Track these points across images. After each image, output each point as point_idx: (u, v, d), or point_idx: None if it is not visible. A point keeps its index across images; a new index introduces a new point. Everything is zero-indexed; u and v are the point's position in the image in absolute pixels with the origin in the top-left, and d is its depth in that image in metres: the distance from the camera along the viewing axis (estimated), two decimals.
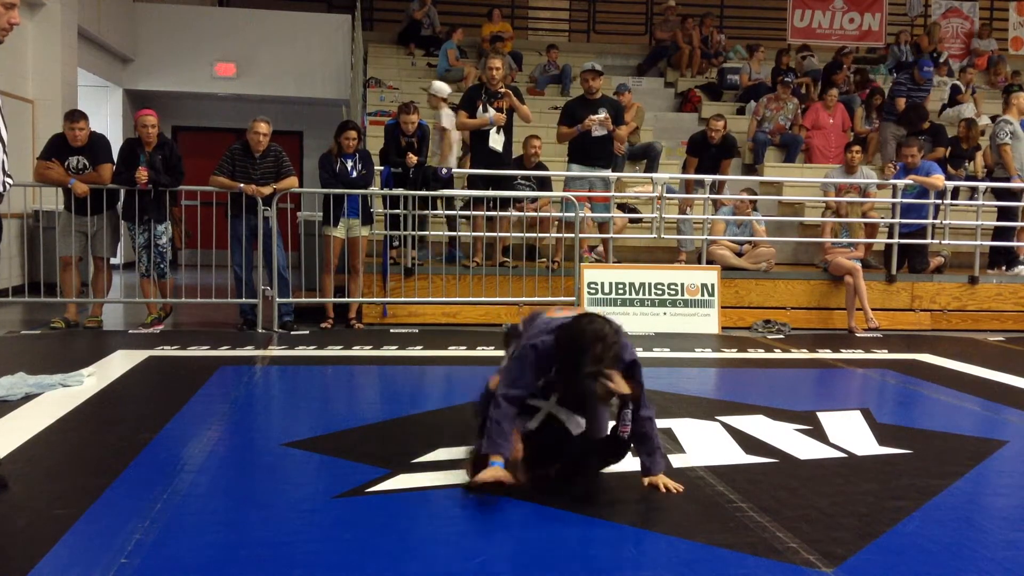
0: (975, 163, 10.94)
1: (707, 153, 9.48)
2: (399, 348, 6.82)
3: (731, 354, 7.15)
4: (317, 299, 8.01)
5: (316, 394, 5.53)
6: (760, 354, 7.09)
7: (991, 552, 2.93)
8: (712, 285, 8.28)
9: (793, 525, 3.09)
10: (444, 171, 8.30)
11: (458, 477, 3.52)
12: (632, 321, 8.10)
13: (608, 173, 8.84)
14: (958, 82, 13.58)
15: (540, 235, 8.80)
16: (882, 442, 4.27)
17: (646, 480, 3.40)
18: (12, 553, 2.73)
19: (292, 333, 7.48)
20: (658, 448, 3.43)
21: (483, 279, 8.19)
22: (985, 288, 9.00)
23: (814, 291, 8.78)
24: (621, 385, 3.11)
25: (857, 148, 9.24)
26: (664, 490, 3.34)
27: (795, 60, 13.93)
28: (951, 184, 9.00)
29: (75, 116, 7.39)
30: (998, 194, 9.54)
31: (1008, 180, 9.38)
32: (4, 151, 3.32)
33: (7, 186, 3.40)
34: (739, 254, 8.97)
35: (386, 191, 8.11)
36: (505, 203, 8.32)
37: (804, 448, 4.14)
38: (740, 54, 14.40)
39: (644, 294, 8.19)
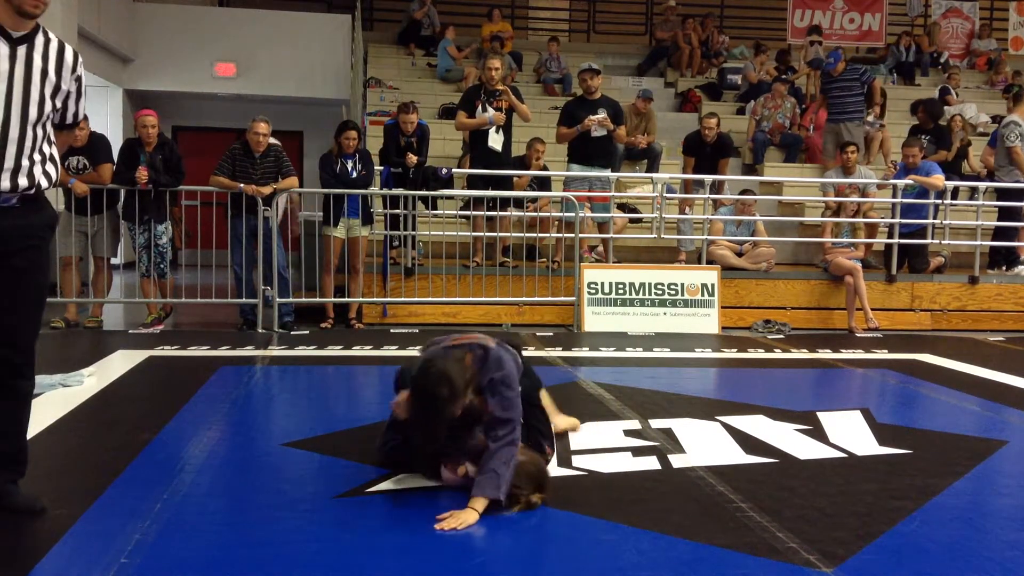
0: (968, 160, 10.93)
1: (702, 152, 9.48)
2: (399, 348, 6.81)
3: (731, 354, 7.15)
4: (317, 299, 8.02)
5: (316, 394, 5.54)
6: (760, 354, 7.09)
7: (991, 552, 2.94)
8: (712, 285, 8.27)
9: (793, 525, 3.09)
10: (444, 171, 8.30)
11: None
12: (632, 321, 8.11)
13: (608, 173, 8.84)
14: (947, 84, 13.58)
15: (540, 235, 8.80)
16: (882, 442, 4.27)
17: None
18: (12, 553, 2.74)
19: (292, 333, 7.48)
20: (492, 471, 3.07)
21: (483, 279, 8.19)
22: (985, 288, 9.00)
23: (814, 291, 8.78)
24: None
25: (852, 148, 9.22)
26: (441, 526, 2.95)
27: (804, 45, 13.92)
28: (951, 184, 9.00)
29: None
30: (1001, 194, 9.52)
31: (1017, 181, 9.35)
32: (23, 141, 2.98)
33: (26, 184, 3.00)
34: (739, 254, 8.97)
35: (386, 191, 8.11)
36: (505, 203, 8.32)
37: (804, 448, 4.14)
38: (744, 54, 14.40)
39: (644, 294, 8.18)
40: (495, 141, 8.55)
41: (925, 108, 10.44)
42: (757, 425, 4.52)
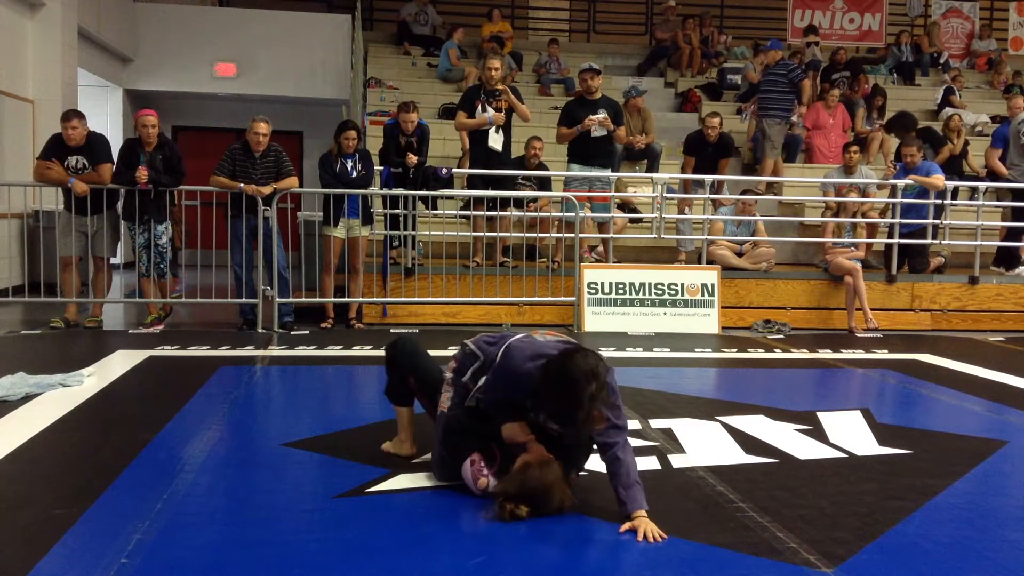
0: (968, 160, 10.92)
1: (704, 152, 9.47)
2: None
3: (731, 354, 7.15)
4: (317, 299, 8.01)
5: (316, 394, 5.54)
6: (760, 354, 7.08)
7: (991, 552, 2.94)
8: (712, 285, 8.27)
9: (793, 525, 3.09)
10: (444, 171, 8.31)
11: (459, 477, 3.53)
12: (632, 321, 8.10)
13: (608, 173, 8.84)
14: (951, 84, 13.57)
15: (540, 235, 8.80)
16: (882, 442, 4.27)
17: (625, 525, 3.00)
18: (12, 553, 2.73)
19: (292, 333, 7.48)
20: (636, 482, 3.06)
21: (483, 279, 8.19)
22: (985, 288, 9.00)
23: (814, 291, 8.78)
24: (600, 423, 3.02)
25: (855, 148, 9.24)
26: (642, 538, 2.92)
27: (800, 45, 13.94)
28: (951, 184, 9.00)
29: (68, 115, 7.39)
30: (1013, 194, 9.50)
31: None
32: None
33: None
34: (739, 254, 8.97)
35: (386, 191, 8.11)
36: (505, 203, 8.33)
37: (804, 448, 4.14)
38: (744, 54, 14.39)
39: (644, 294, 8.18)
40: (495, 141, 8.56)
41: (894, 127, 10.40)
42: (757, 425, 4.52)
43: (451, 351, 6.67)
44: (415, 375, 3.64)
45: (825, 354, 7.04)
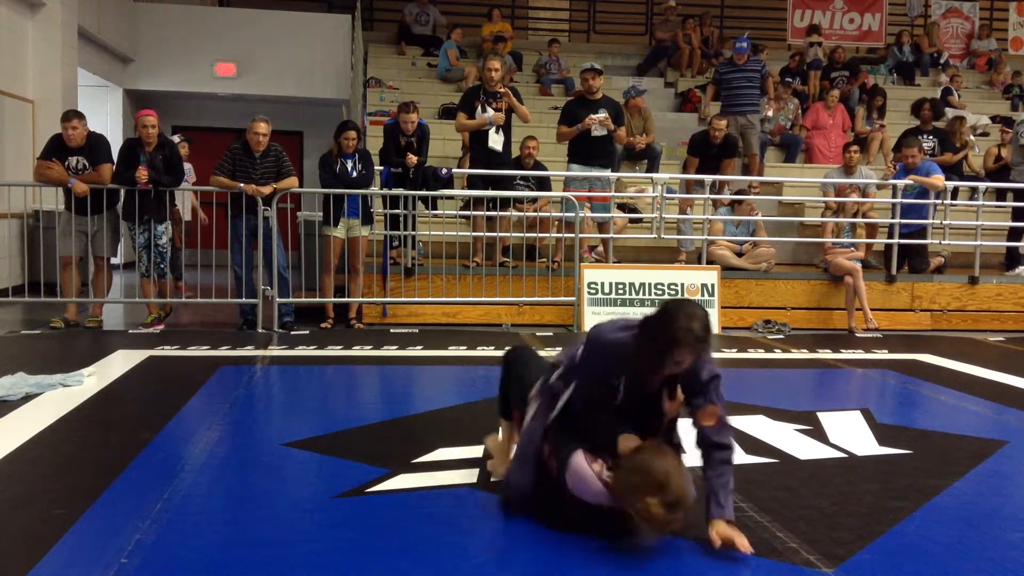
0: (969, 161, 10.93)
1: (708, 153, 9.46)
2: (399, 348, 6.82)
3: (731, 354, 7.15)
4: (317, 299, 8.02)
5: (316, 394, 5.54)
6: (760, 354, 7.08)
7: (991, 552, 2.94)
8: (712, 285, 8.28)
9: (793, 525, 3.09)
10: (444, 171, 8.31)
11: (458, 477, 3.53)
12: None
13: (608, 173, 8.84)
14: (950, 84, 13.59)
15: (540, 235, 8.80)
16: (882, 442, 4.27)
17: (714, 531, 2.85)
18: (12, 553, 2.74)
19: (292, 333, 7.48)
20: (732, 490, 2.95)
21: (483, 279, 8.19)
22: (985, 288, 9.00)
23: (814, 291, 8.78)
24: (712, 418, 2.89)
25: (855, 148, 9.24)
26: (719, 543, 2.81)
27: (801, 45, 13.98)
28: (951, 184, 8.99)
29: (68, 115, 7.40)
30: (1015, 194, 9.50)
31: None
32: None
33: None
34: (739, 254, 8.97)
35: (386, 191, 8.12)
36: (505, 203, 8.33)
37: (804, 448, 4.14)
38: None
39: (644, 294, 8.18)
40: (495, 141, 8.55)
41: (932, 106, 10.41)
42: (757, 425, 4.52)
43: (451, 351, 6.71)
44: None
45: (825, 354, 7.04)
